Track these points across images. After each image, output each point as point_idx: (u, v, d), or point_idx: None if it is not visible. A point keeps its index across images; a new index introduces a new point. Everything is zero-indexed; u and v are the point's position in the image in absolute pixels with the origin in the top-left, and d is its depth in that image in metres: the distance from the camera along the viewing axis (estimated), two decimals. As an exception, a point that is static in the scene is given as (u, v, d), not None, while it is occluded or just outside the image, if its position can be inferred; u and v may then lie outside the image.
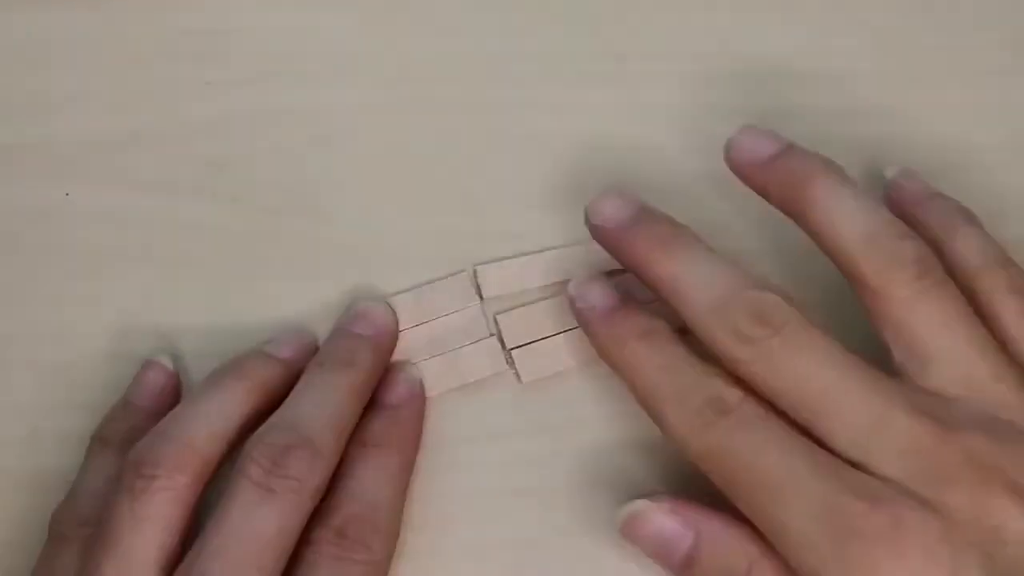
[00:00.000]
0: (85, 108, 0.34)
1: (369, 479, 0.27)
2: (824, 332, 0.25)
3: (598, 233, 0.29)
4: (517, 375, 0.31)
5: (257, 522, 0.25)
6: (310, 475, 0.26)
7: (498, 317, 0.31)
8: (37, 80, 0.34)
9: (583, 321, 0.29)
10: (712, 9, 0.35)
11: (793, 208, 0.27)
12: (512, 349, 0.31)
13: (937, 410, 0.24)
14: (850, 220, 0.26)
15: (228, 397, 0.28)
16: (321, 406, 0.27)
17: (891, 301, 0.26)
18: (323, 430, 0.27)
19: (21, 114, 0.34)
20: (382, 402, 0.29)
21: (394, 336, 0.31)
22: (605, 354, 0.28)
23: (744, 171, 0.28)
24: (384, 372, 0.30)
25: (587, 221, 0.29)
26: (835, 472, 0.24)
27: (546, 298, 0.31)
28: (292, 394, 0.28)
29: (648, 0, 0.35)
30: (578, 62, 0.34)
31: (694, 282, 0.26)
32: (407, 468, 0.29)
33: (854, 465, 0.24)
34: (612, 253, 0.29)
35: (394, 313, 0.31)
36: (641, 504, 0.26)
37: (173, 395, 0.30)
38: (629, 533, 0.26)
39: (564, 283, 0.30)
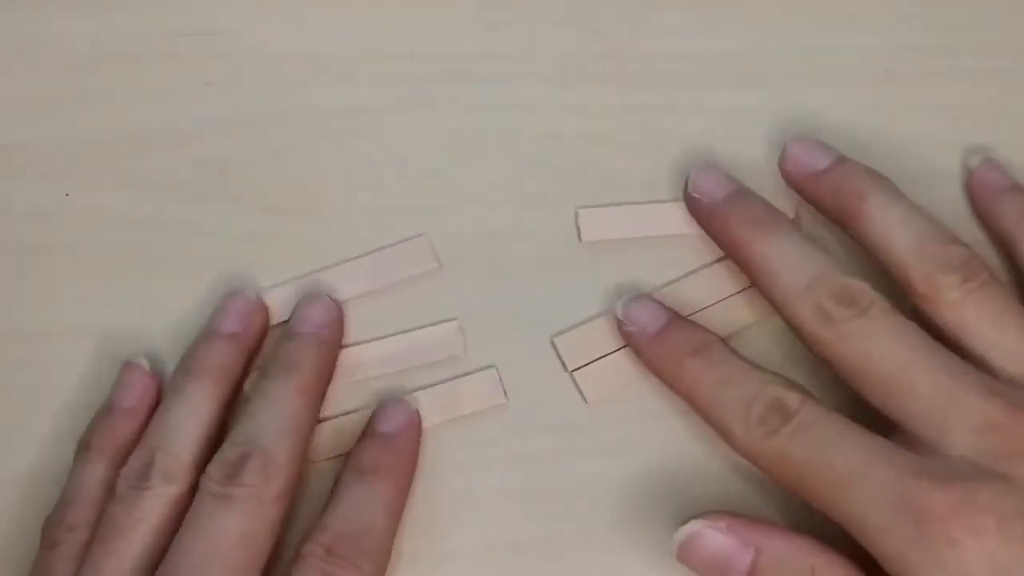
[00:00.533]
0: (85, 108, 0.34)
1: (363, 502, 0.27)
2: (906, 318, 0.26)
3: (694, 205, 0.31)
4: (583, 396, 0.30)
5: (219, 525, 0.25)
6: (266, 481, 0.26)
7: (555, 340, 0.31)
8: (37, 80, 0.34)
9: (633, 344, 0.30)
10: (711, 9, 0.35)
11: (845, 220, 0.29)
12: (574, 371, 0.31)
13: (1008, 393, 0.25)
14: (898, 231, 0.27)
15: (194, 401, 0.28)
16: (270, 414, 0.27)
17: (942, 305, 0.27)
18: (276, 436, 0.27)
19: (21, 114, 0.34)
20: (378, 430, 0.29)
21: (337, 326, 0.30)
22: (661, 374, 0.29)
23: (798, 183, 0.30)
24: (381, 402, 0.30)
25: (685, 192, 0.31)
26: (903, 457, 0.24)
27: (600, 316, 0.31)
28: (243, 411, 0.28)
29: (648, 0, 0.35)
30: (578, 62, 0.34)
31: (785, 263, 0.27)
32: (401, 496, 0.28)
33: (928, 446, 0.25)
34: (705, 228, 0.30)
35: (336, 304, 0.31)
36: (697, 525, 0.25)
37: (155, 395, 0.30)
38: (686, 556, 0.25)
39: (661, 238, 0.31)
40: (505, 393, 0.31)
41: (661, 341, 0.29)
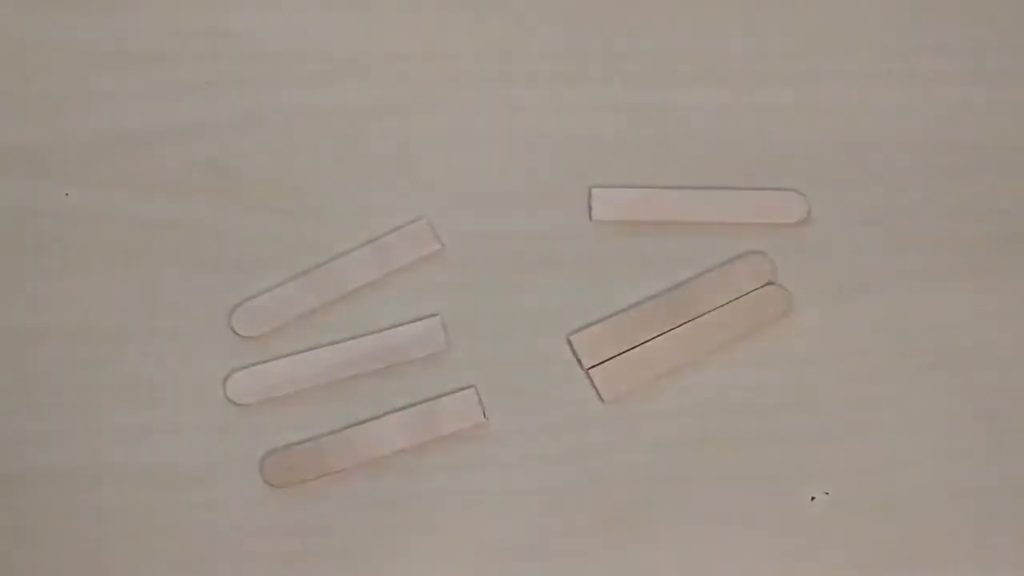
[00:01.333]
0: (85, 108, 0.34)
1: None
2: None
3: None
4: (599, 394, 0.31)
5: None
6: None
7: (572, 338, 0.31)
8: (37, 80, 0.34)
9: None
10: (709, 10, 0.35)
11: None
12: (590, 368, 0.31)
13: None
14: None
15: None
16: None
17: None
18: None
19: (21, 114, 0.34)
20: None
21: None
22: None
23: None
24: None
25: None
26: None
27: (616, 314, 0.31)
28: None
29: (647, 2, 0.35)
30: (577, 62, 0.34)
31: None
32: None
33: None
34: None
35: None
36: None
37: None
38: None
39: (675, 229, 0.31)
40: (484, 413, 0.31)
41: None
